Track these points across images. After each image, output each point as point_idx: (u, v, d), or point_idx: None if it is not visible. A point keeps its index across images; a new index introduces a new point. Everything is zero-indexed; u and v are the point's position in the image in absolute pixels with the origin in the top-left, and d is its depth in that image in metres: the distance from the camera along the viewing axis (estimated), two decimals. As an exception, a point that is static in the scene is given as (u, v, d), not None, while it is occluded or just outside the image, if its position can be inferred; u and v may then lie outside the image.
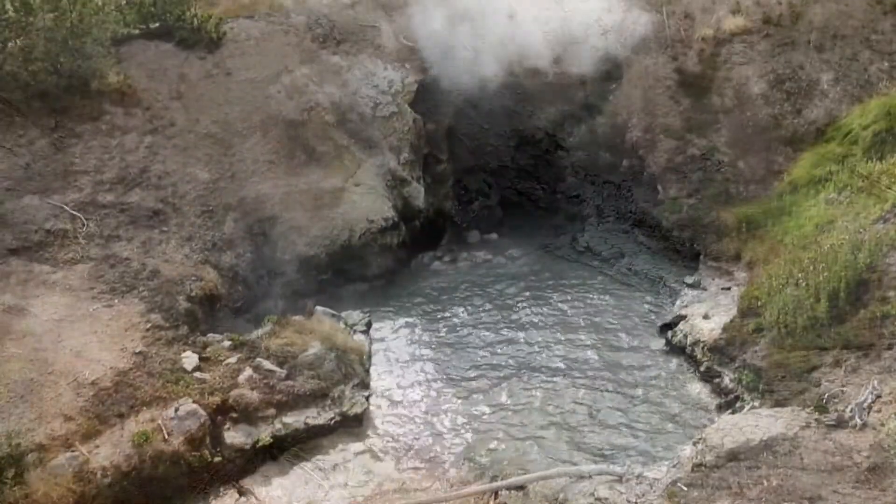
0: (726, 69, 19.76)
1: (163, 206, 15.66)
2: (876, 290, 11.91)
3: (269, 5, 21.65)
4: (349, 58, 20.36)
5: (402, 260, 18.05)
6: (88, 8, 16.53)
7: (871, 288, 12.00)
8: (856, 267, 12.16)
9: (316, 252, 16.59)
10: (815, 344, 11.82)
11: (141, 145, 16.55)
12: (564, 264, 18.26)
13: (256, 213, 16.55)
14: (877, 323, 11.42)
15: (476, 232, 19.96)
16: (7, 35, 16.06)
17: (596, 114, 20.64)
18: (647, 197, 19.40)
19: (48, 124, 16.00)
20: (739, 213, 17.11)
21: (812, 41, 19.92)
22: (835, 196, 15.31)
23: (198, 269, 14.91)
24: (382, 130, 19.18)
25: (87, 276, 13.65)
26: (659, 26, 20.84)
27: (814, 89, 19.10)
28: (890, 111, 16.37)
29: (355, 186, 17.69)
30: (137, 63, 18.24)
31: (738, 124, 18.88)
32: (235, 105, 18.18)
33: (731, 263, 16.51)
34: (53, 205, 14.71)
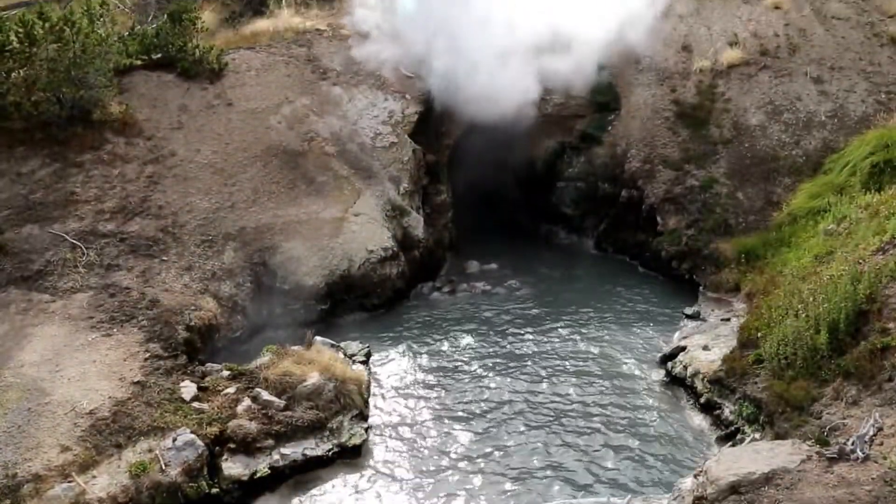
0: (724, 101, 19.95)
1: (163, 236, 15.70)
2: (876, 322, 11.87)
3: (271, 36, 21.92)
4: (349, 88, 20.54)
5: (402, 290, 18.00)
6: (91, 39, 16.71)
7: (872, 319, 11.96)
8: (855, 298, 12.12)
9: (315, 282, 16.57)
10: (815, 375, 11.77)
11: (142, 175, 16.65)
12: (564, 295, 18.22)
13: (256, 242, 16.58)
14: (877, 354, 11.35)
15: (475, 262, 19.94)
16: (11, 65, 16.27)
17: (594, 145, 20.77)
18: (646, 228, 19.48)
19: (50, 154, 16.11)
20: (738, 244, 17.15)
21: (809, 73, 20.16)
22: (834, 227, 15.33)
23: (197, 298, 14.91)
24: (382, 160, 19.27)
25: (86, 306, 13.66)
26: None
27: (812, 120, 19.28)
28: (888, 143, 16.49)
29: (355, 216, 17.73)
30: (139, 93, 18.43)
31: (737, 155, 19.02)
32: (236, 135, 18.31)
33: (730, 294, 16.52)
34: (54, 234, 14.77)
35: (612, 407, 13.68)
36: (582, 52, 20.59)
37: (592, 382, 14.45)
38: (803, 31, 21.16)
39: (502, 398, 14.09)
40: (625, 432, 12.98)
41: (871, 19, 21.52)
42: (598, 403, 13.79)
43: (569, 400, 13.95)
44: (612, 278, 18.96)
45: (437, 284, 19.01)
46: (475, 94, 20.15)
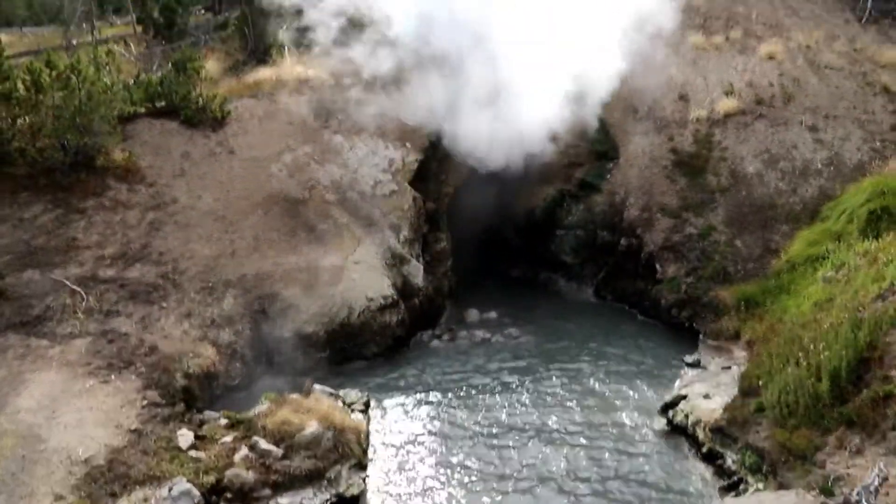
0: (721, 149, 20.19)
1: (163, 282, 15.70)
2: (877, 369, 11.82)
3: (273, 85, 22.21)
4: (350, 137, 20.76)
5: (401, 338, 17.93)
6: (97, 87, 16.95)
7: (873, 367, 11.91)
8: (856, 346, 12.09)
9: (315, 329, 16.52)
10: (817, 424, 11.67)
11: (143, 221, 16.72)
12: (563, 343, 18.14)
13: (256, 290, 16.56)
14: (880, 402, 11.28)
15: (475, 310, 19.89)
16: (16, 112, 16.47)
17: (594, 193, 20.92)
18: (645, 276, 19.50)
19: (53, 199, 16.21)
20: (738, 292, 17.17)
21: (805, 121, 20.45)
22: (832, 274, 15.36)
23: (196, 345, 14.85)
24: (382, 208, 19.38)
25: (84, 352, 13.59)
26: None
27: (808, 168, 19.48)
28: (884, 190, 16.64)
29: (355, 264, 17.74)
30: (142, 141, 18.63)
31: (735, 203, 19.16)
32: (238, 183, 18.44)
33: (730, 342, 16.48)
34: (54, 279, 14.78)
35: (613, 456, 13.51)
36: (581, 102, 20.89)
37: (593, 431, 14.29)
38: (797, 81, 21.53)
39: (502, 447, 13.92)
40: (626, 482, 12.79)
41: (864, 69, 21.91)
42: (599, 453, 13.63)
43: (568, 448, 13.78)
44: (611, 326, 18.91)
45: (436, 332, 18.93)
46: (476, 143, 20.39)
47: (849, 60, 22.26)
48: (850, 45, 22.99)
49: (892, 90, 21.15)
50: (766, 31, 23.69)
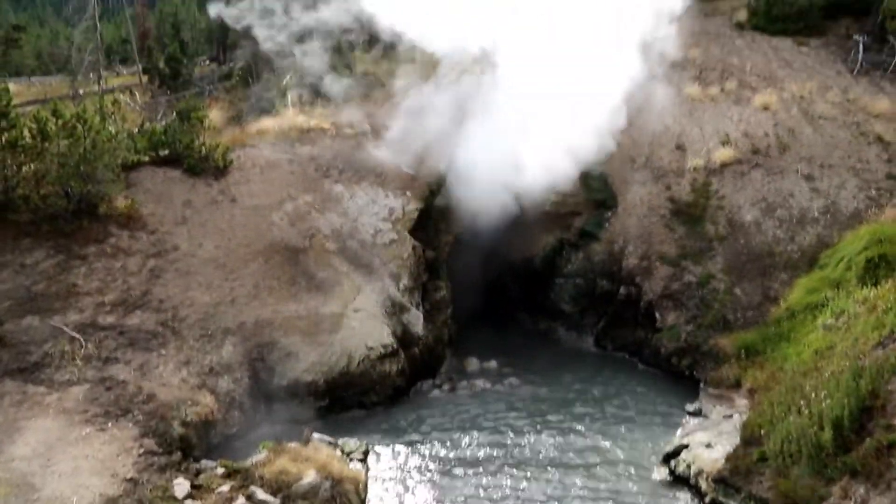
0: (718, 198, 20.36)
1: (162, 329, 15.67)
2: (880, 418, 11.73)
3: (275, 135, 22.51)
4: (351, 186, 20.94)
5: (401, 387, 17.81)
6: (102, 135, 17.14)
7: (876, 415, 11.82)
8: (858, 394, 12.02)
9: (314, 378, 16.44)
10: (821, 474, 11.54)
11: (144, 268, 16.76)
12: (564, 393, 18.02)
13: (256, 338, 16.52)
14: (884, 452, 11.17)
15: (475, 359, 19.81)
16: (22, 159, 16.64)
17: (592, 241, 21.02)
18: (644, 324, 19.48)
19: (55, 246, 16.28)
20: (738, 340, 17.15)
21: (801, 170, 20.68)
22: (832, 322, 15.36)
23: (194, 393, 14.75)
24: (382, 257, 19.45)
25: (81, 399, 13.50)
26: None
27: (805, 217, 19.63)
28: (881, 238, 16.75)
29: (354, 312, 17.73)
30: (145, 188, 18.78)
31: (733, 251, 19.26)
32: (239, 231, 18.54)
33: (731, 390, 16.39)
34: (53, 326, 14.76)
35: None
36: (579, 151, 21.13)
37: (594, 482, 14.11)
38: (792, 131, 21.84)
39: (500, 499, 13.72)
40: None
41: (857, 119, 22.25)
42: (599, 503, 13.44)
43: (569, 499, 13.58)
44: (612, 375, 18.82)
45: (436, 382, 18.82)
46: (475, 192, 20.59)
47: (842, 111, 22.61)
48: (842, 95, 23.38)
49: (885, 139, 21.45)
50: (761, 82, 24.11)
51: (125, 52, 36.98)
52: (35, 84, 32.19)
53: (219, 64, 34.65)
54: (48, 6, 60.04)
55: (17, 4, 61.13)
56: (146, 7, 43.04)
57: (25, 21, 45.59)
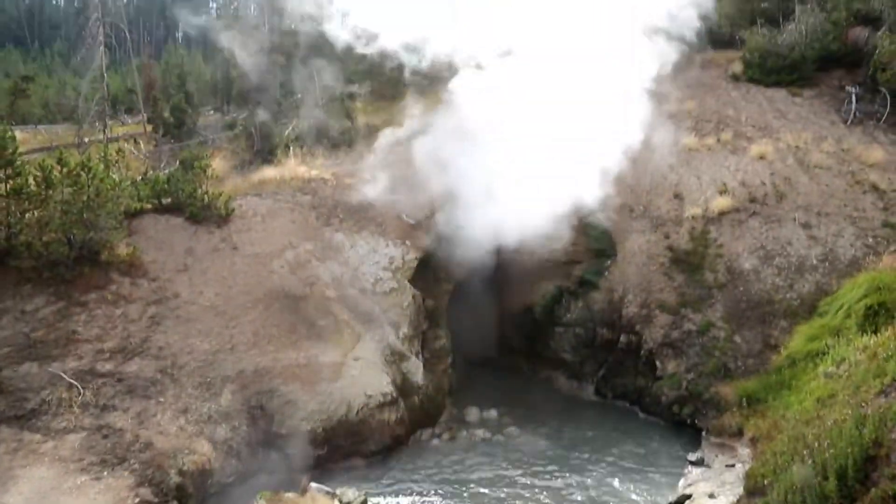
0: (717, 246, 20.46)
1: (161, 377, 15.60)
2: (885, 467, 11.57)
3: (277, 184, 22.75)
4: (351, 235, 21.08)
5: (400, 436, 17.64)
6: (106, 183, 17.31)
7: (880, 464, 11.66)
8: (862, 443, 11.87)
9: (313, 426, 16.31)
10: (828, 525, 11.33)
11: (144, 315, 16.77)
12: (565, 442, 17.86)
13: (255, 385, 16.45)
14: (889, 502, 11.00)
15: (475, 409, 19.66)
16: (26, 206, 16.77)
17: (592, 290, 21.05)
18: (645, 373, 19.39)
19: (55, 292, 16.32)
20: (739, 388, 17.06)
21: (798, 219, 20.80)
22: (833, 369, 15.27)
23: (192, 441, 14.62)
24: (382, 305, 19.47)
25: (78, 447, 13.38)
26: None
27: (803, 264, 19.69)
28: (880, 286, 16.75)
29: (354, 361, 17.68)
30: (147, 236, 18.90)
31: (733, 299, 19.27)
32: (239, 278, 18.60)
33: (733, 439, 16.24)
34: (52, 372, 14.70)
35: (619, 559, 13.10)
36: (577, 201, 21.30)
37: (597, 533, 13.90)
38: (788, 180, 22.05)
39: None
40: (632, 587, 12.35)
41: (852, 168, 22.49)
42: (604, 555, 13.22)
43: (573, 551, 13.37)
44: (613, 425, 18.66)
45: (436, 431, 18.65)
46: (475, 241, 20.68)
47: (837, 160, 22.88)
48: (837, 145, 23.67)
49: (880, 188, 21.65)
50: (756, 132, 24.44)
51: (131, 102, 37.60)
52: (41, 132, 32.62)
53: (223, 114, 35.22)
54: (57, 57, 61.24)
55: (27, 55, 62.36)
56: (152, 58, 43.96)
57: (34, 71, 46.45)
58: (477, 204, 21.02)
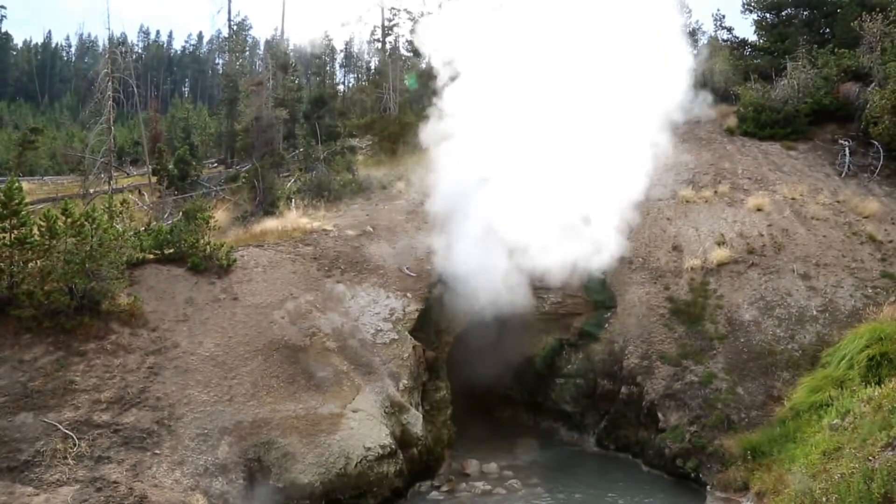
0: (717, 297, 20.46)
1: (157, 428, 15.41)
2: (894, 522, 11.39)
3: (279, 235, 22.90)
4: (352, 286, 21.11)
5: (399, 489, 17.35)
6: (109, 233, 17.43)
7: (890, 519, 11.48)
8: (871, 498, 11.66)
9: (310, 479, 16.04)
10: (839, 583, 11.07)
11: (143, 365, 16.67)
12: (566, 497, 17.54)
13: (252, 437, 16.23)
14: (900, 558, 10.78)
15: (475, 461, 19.39)
16: (29, 256, 16.84)
17: (592, 341, 20.98)
18: (647, 424, 19.18)
19: (55, 342, 16.27)
20: (743, 441, 16.83)
21: (796, 270, 20.86)
22: (838, 422, 15.11)
23: (187, 495, 14.36)
24: (382, 357, 19.37)
25: (70, 500, 13.13)
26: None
27: (804, 315, 19.67)
28: (881, 336, 16.70)
29: (353, 412, 17.49)
30: (148, 286, 18.93)
31: (734, 350, 19.19)
32: (239, 329, 18.56)
33: (739, 494, 15.95)
34: (47, 423, 14.52)
35: None
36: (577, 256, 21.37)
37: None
38: (786, 231, 22.19)
39: None
40: None
41: (848, 220, 22.66)
42: None
43: None
44: (615, 479, 18.36)
45: (435, 483, 18.37)
46: (475, 293, 20.72)
47: (833, 212, 23.07)
48: (833, 197, 23.91)
49: (877, 239, 21.79)
50: (753, 184, 24.71)
51: (136, 154, 38.16)
52: (47, 183, 33.01)
53: (226, 167, 35.66)
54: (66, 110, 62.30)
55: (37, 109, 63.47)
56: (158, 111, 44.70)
57: (42, 124, 47.26)
58: (478, 257, 21.10)
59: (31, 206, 18.78)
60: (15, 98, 64.46)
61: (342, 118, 37.22)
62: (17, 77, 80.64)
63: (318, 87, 41.98)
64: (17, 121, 51.21)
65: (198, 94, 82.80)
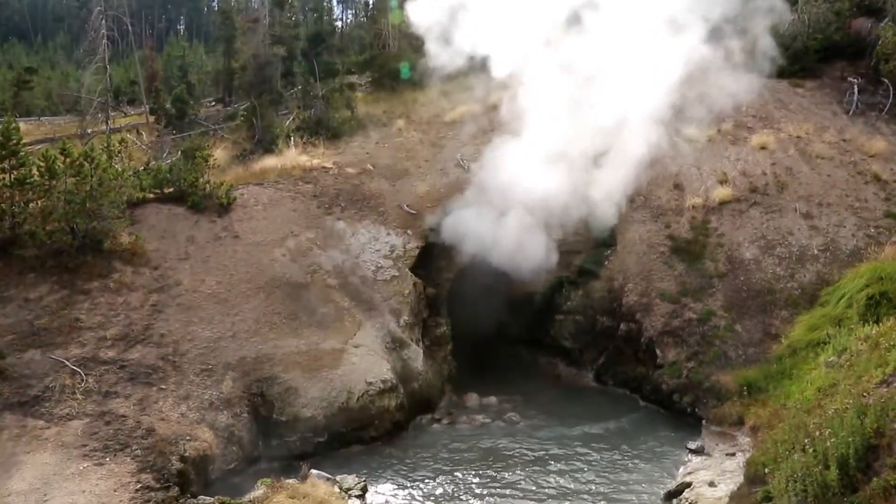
0: (717, 236, 20.45)
1: (162, 364, 15.67)
2: (887, 457, 11.57)
3: (279, 173, 22.78)
4: (353, 224, 21.14)
5: (400, 422, 17.73)
6: (108, 173, 17.42)
7: (882, 454, 11.67)
8: (863, 432, 11.86)
9: (313, 413, 16.38)
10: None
11: (146, 303, 16.84)
12: (564, 428, 17.90)
13: (256, 372, 16.51)
14: (891, 491, 10.97)
15: (475, 395, 19.73)
16: (29, 196, 16.86)
17: (592, 279, 21.05)
18: (645, 361, 19.42)
19: (59, 281, 16.40)
20: (739, 377, 17.06)
21: (799, 209, 20.79)
22: (835, 359, 15.28)
23: (193, 428, 14.69)
24: (383, 293, 19.52)
25: (80, 433, 13.46)
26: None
27: (804, 254, 19.70)
28: (881, 275, 16.74)
29: (355, 348, 17.74)
30: (149, 225, 18.97)
31: (733, 288, 19.27)
32: (241, 267, 18.66)
33: (734, 428, 16.25)
34: (55, 360, 14.78)
35: (618, 546, 13.14)
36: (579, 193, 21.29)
37: (596, 520, 13.95)
38: (790, 170, 22.03)
39: (503, 537, 13.57)
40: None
41: (854, 159, 22.47)
42: (603, 542, 13.27)
43: (572, 538, 13.42)
44: (612, 412, 18.68)
45: (436, 416, 18.74)
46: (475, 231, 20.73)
47: (839, 151, 22.85)
48: (839, 136, 23.64)
49: (882, 178, 21.65)
50: (757, 123, 24.41)
51: (133, 93, 37.61)
52: (44, 123, 32.69)
53: (224, 105, 35.21)
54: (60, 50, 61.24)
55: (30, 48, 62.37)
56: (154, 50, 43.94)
57: (37, 63, 46.50)
58: (478, 196, 21.03)
59: (28, 147, 18.67)
60: (7, 37, 63.25)
61: (340, 55, 36.58)
62: (9, 16, 79.06)
63: (316, 23, 41.00)
64: (11, 60, 50.37)
65: (193, 32, 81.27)
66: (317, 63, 33.13)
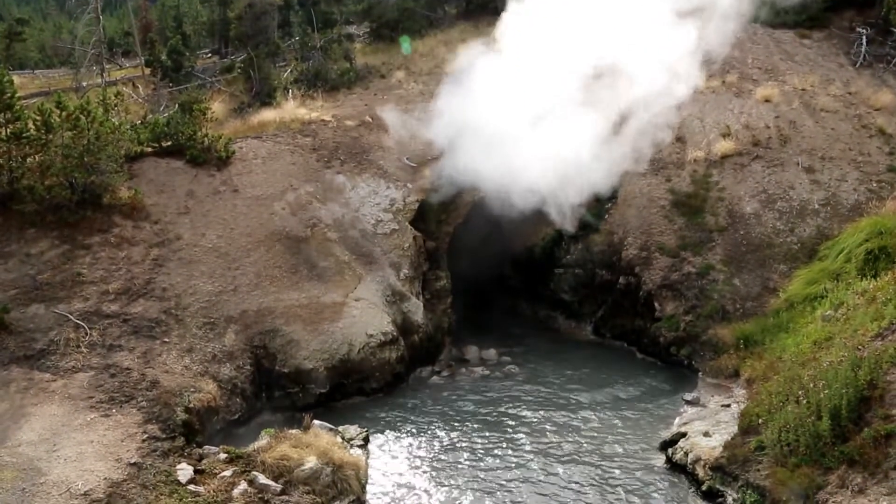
0: (718, 189, 20.40)
1: (165, 318, 15.81)
2: (879, 408, 11.79)
3: (277, 126, 22.61)
4: (353, 177, 21.07)
5: (401, 374, 17.98)
6: (105, 127, 17.27)
7: (874, 405, 11.88)
8: (857, 384, 12.06)
9: (315, 365, 16.59)
10: (818, 463, 11.60)
11: (147, 257, 16.90)
12: (562, 381, 18.15)
13: (257, 325, 16.67)
14: (881, 441, 11.23)
15: (474, 347, 19.96)
16: (27, 151, 16.78)
17: (592, 232, 21.08)
18: (643, 314, 19.57)
19: (59, 236, 16.43)
20: (737, 330, 17.23)
21: (801, 163, 20.71)
22: (831, 313, 15.42)
23: (197, 380, 14.89)
24: (383, 247, 19.58)
25: (86, 386, 13.66)
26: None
27: (805, 209, 19.68)
28: (881, 230, 16.78)
29: (355, 301, 17.87)
30: (148, 179, 18.91)
31: (733, 242, 19.31)
32: (241, 220, 18.67)
33: (729, 380, 16.49)
34: (58, 314, 14.91)
35: (613, 493, 13.44)
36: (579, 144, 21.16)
37: (592, 469, 14.24)
38: (793, 123, 21.86)
39: (500, 484, 13.86)
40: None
41: (859, 112, 22.27)
42: (598, 489, 13.57)
43: (567, 486, 13.71)
44: (610, 364, 18.92)
45: (436, 369, 19.01)
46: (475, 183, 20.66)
47: (844, 104, 22.63)
48: (844, 88, 23.40)
49: (887, 132, 21.49)
50: (762, 75, 24.13)
51: (127, 45, 37.07)
52: (38, 76, 32.31)
53: (220, 57, 34.74)
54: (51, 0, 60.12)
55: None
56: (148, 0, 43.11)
57: (28, 15, 45.70)
58: (478, 149, 20.90)
59: (24, 101, 18.47)
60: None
61: (339, 4, 35.94)
62: (-2, -36, 77.45)
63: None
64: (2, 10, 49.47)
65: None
66: (314, 13, 32.61)
